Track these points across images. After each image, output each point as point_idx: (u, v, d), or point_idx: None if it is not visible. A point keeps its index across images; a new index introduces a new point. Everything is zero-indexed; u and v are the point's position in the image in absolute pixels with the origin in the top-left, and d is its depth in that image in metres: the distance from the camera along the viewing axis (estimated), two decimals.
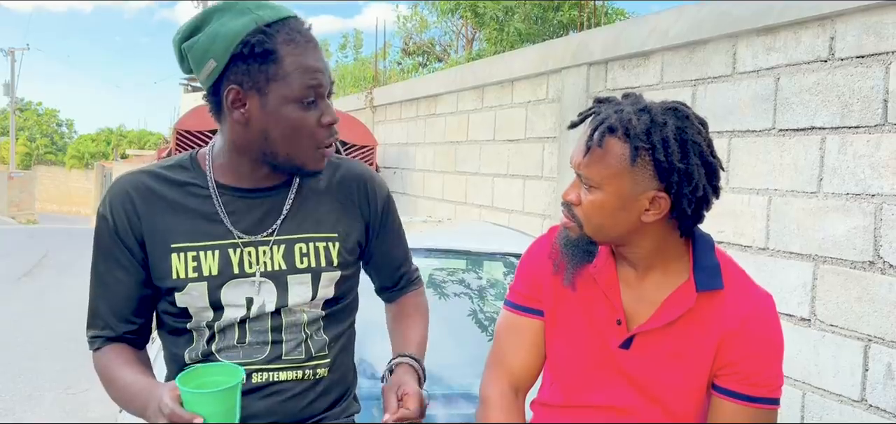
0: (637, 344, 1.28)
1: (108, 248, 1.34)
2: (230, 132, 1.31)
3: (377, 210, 1.47)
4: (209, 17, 1.26)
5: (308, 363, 1.37)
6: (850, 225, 2.65)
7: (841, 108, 2.70)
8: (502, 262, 2.95)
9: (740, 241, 3.14)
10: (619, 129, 1.19)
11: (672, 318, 1.25)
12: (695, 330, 1.25)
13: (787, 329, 2.89)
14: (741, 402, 1.24)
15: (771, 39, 3.04)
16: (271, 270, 1.33)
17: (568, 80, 4.58)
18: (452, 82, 6.43)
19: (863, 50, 2.63)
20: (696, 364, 1.26)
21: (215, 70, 1.24)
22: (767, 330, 1.25)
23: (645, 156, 1.18)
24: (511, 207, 5.30)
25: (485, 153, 5.74)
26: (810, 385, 2.80)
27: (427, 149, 7.01)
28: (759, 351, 1.24)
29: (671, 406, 1.28)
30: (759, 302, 1.27)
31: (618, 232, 1.25)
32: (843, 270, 2.67)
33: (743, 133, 3.15)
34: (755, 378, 1.24)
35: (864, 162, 2.61)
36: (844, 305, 2.66)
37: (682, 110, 1.23)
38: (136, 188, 1.33)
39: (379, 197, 1.48)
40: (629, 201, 1.21)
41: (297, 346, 1.36)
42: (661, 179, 1.19)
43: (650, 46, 3.77)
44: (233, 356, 1.33)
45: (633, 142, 1.18)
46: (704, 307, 1.25)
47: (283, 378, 1.35)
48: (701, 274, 1.26)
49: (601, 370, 1.31)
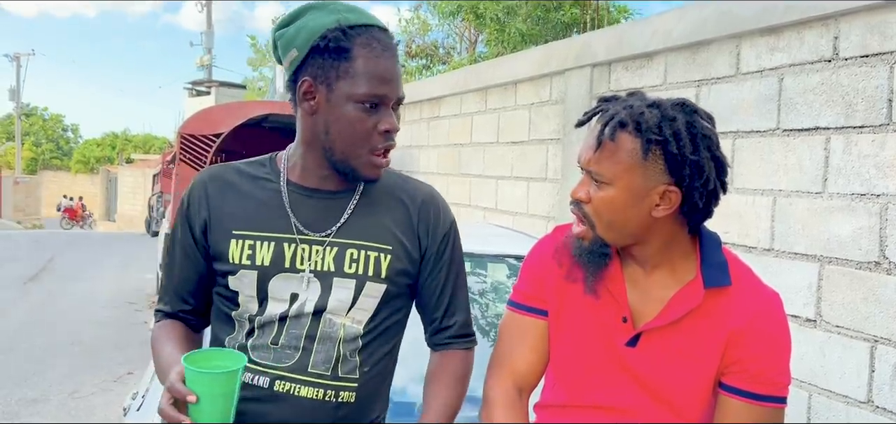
0: (644, 342, 1.27)
1: (178, 229, 1.43)
2: (300, 124, 1.36)
3: (437, 236, 1.42)
4: (303, 12, 1.33)
5: (333, 382, 1.33)
6: (855, 226, 2.64)
7: (845, 108, 2.69)
8: (506, 264, 2.95)
9: (745, 242, 3.13)
10: (630, 124, 1.19)
11: (679, 315, 1.24)
12: (702, 328, 1.24)
13: (793, 329, 2.87)
14: (748, 400, 1.23)
15: (774, 39, 3.03)
16: (320, 270, 1.34)
17: (571, 82, 4.58)
18: (455, 85, 6.42)
19: (867, 49, 2.62)
20: (704, 361, 1.25)
21: (296, 60, 1.30)
22: (775, 328, 1.24)
23: (656, 151, 1.18)
24: (515, 209, 5.29)
25: (488, 155, 5.74)
26: (816, 387, 2.79)
27: (431, 151, 7.01)
28: (766, 350, 1.23)
29: (678, 405, 1.27)
30: (767, 300, 1.26)
31: (629, 228, 1.24)
32: (848, 271, 2.66)
33: (747, 133, 3.14)
34: (762, 376, 1.23)
35: (868, 162, 2.60)
36: (850, 306, 2.65)
37: (689, 105, 1.23)
38: (213, 177, 1.42)
39: (442, 224, 1.43)
40: (640, 196, 1.20)
41: (325, 360, 1.33)
42: (671, 173, 1.19)
43: (654, 47, 3.76)
44: (264, 356, 1.34)
45: (645, 135, 1.18)
46: (712, 304, 1.24)
47: (304, 393, 1.32)
48: (709, 270, 1.25)
49: (607, 369, 1.30)
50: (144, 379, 2.28)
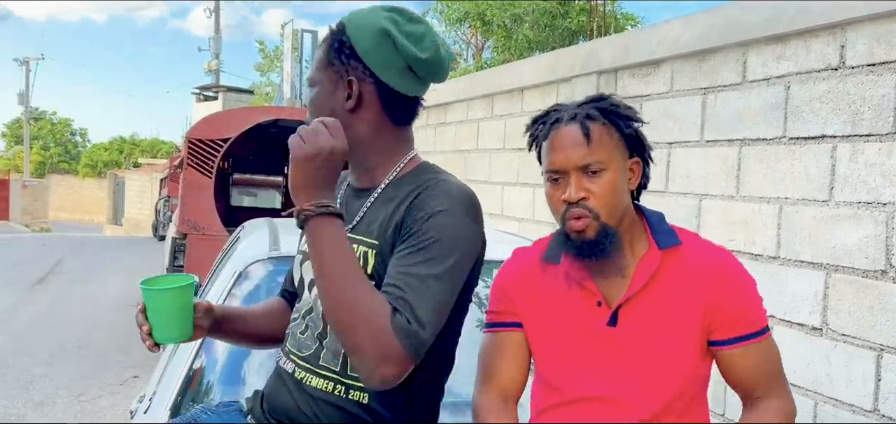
0: (622, 317, 1.34)
1: None
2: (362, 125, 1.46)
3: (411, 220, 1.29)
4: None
5: (342, 379, 1.33)
6: (861, 234, 2.63)
7: (852, 116, 2.69)
8: None
9: (751, 250, 3.12)
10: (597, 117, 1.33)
11: (645, 281, 1.33)
12: (670, 286, 1.34)
13: (799, 338, 2.87)
14: (743, 343, 1.34)
15: (781, 48, 3.03)
16: None
17: (578, 89, 4.58)
18: (462, 91, 6.44)
19: (874, 58, 2.62)
20: (682, 317, 1.33)
21: None
22: (734, 270, 1.36)
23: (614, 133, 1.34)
24: (521, 215, 5.30)
25: (494, 161, 5.75)
26: (822, 395, 2.78)
27: (437, 157, 7.02)
28: (736, 292, 1.34)
29: (668, 370, 1.32)
30: (718, 252, 1.39)
31: (624, 206, 1.35)
32: (854, 279, 2.65)
33: (753, 141, 3.14)
34: (743, 316, 1.34)
35: (875, 170, 2.60)
36: (856, 314, 2.64)
37: (606, 95, 1.40)
38: None
39: (422, 207, 1.29)
40: (624, 174, 1.35)
41: (334, 357, 1.34)
42: (629, 147, 1.37)
43: (660, 55, 3.76)
44: (292, 343, 1.43)
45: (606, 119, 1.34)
46: (671, 264, 1.35)
47: (316, 384, 1.35)
48: (658, 236, 1.37)
49: (592, 357, 1.35)
50: (151, 383, 2.29)
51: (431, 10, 13.31)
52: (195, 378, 2.13)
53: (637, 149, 1.38)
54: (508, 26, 11.07)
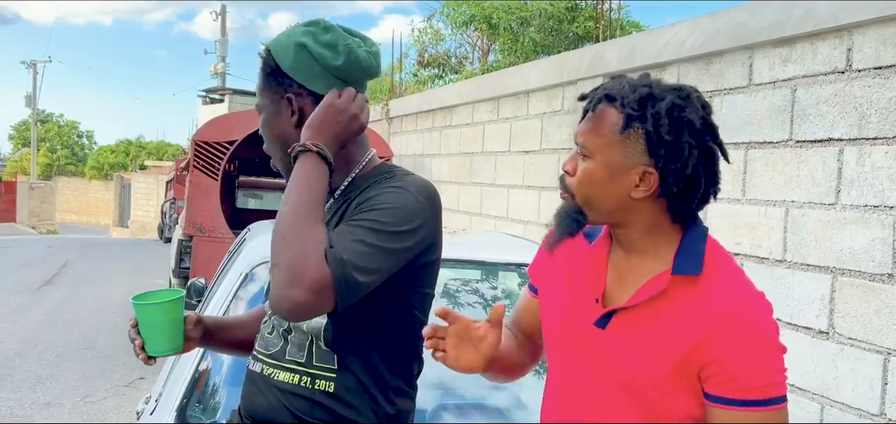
0: (613, 324, 1.26)
1: None
2: None
3: (353, 199, 1.35)
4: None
5: (308, 370, 1.37)
6: (868, 238, 2.63)
7: (859, 120, 2.69)
8: (517, 273, 2.95)
9: (758, 253, 3.12)
10: (616, 98, 1.21)
11: (644, 299, 1.22)
12: (667, 314, 1.21)
13: (805, 342, 2.86)
14: (735, 409, 1.15)
15: (787, 50, 3.03)
16: None
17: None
18: (468, 94, 6.44)
19: (880, 61, 2.62)
20: (666, 348, 1.20)
21: None
22: (750, 322, 1.16)
23: (637, 129, 1.19)
24: (526, 218, 5.29)
25: (500, 164, 5.75)
26: (829, 399, 2.77)
27: (443, 160, 7.02)
28: (743, 348, 1.15)
29: (640, 391, 1.22)
30: (742, 298, 1.19)
31: (606, 205, 1.24)
32: (861, 283, 2.65)
33: (760, 144, 3.14)
34: (743, 379, 1.14)
35: (882, 173, 2.59)
36: (863, 318, 2.63)
37: (685, 90, 1.22)
38: None
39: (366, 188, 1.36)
40: (619, 174, 1.21)
41: (299, 350, 1.39)
42: (650, 154, 1.19)
43: (666, 58, 3.76)
44: (260, 344, 1.47)
45: (625, 110, 1.19)
46: (681, 293, 1.21)
47: (281, 378, 1.40)
48: (681, 258, 1.22)
49: (575, 348, 1.31)
50: (157, 384, 2.30)
51: (438, 13, 13.35)
52: (201, 380, 2.14)
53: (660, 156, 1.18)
54: (515, 29, 11.07)
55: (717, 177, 1.24)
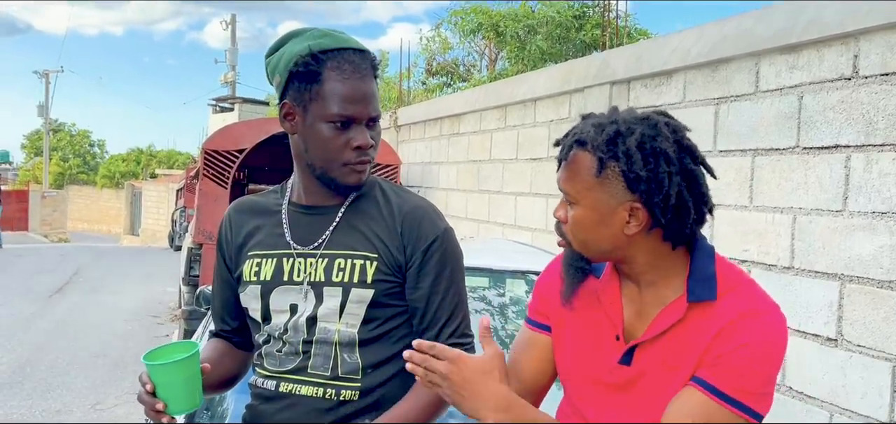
0: (637, 358, 1.25)
1: (216, 257, 1.60)
2: (291, 145, 1.49)
3: (420, 246, 1.43)
4: (285, 40, 1.46)
5: (333, 382, 1.40)
6: (876, 244, 2.62)
7: (866, 126, 2.68)
8: (524, 280, 2.96)
9: (765, 260, 3.11)
10: (586, 143, 1.20)
11: (663, 329, 1.22)
12: (688, 340, 1.20)
13: (814, 348, 2.85)
14: (711, 395, 1.14)
15: (794, 57, 3.03)
16: (314, 281, 1.43)
17: (591, 99, 4.59)
18: (475, 102, 6.46)
19: (887, 68, 2.61)
20: (689, 373, 1.19)
21: (279, 85, 1.44)
22: (758, 333, 1.15)
23: (614, 167, 1.18)
24: (534, 225, 5.30)
25: (508, 172, 5.76)
26: (837, 406, 2.76)
27: (450, 167, 7.04)
28: (747, 348, 1.14)
29: None
30: (756, 307, 1.18)
31: (603, 246, 1.23)
32: (870, 289, 2.64)
33: (767, 151, 3.14)
34: (739, 377, 1.14)
35: (890, 180, 2.58)
36: (872, 325, 2.62)
37: (653, 119, 1.21)
38: (236, 208, 1.59)
39: (426, 233, 1.44)
40: (607, 214, 1.20)
41: (324, 362, 1.41)
42: (632, 190, 1.18)
43: (672, 65, 3.77)
44: (271, 362, 1.46)
45: (596, 153, 1.19)
46: (698, 316, 1.20)
47: (304, 392, 1.41)
48: (694, 284, 1.21)
49: (604, 387, 1.29)
50: None
51: (445, 22, 13.38)
52: None
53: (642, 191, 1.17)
54: (522, 37, 11.08)
55: (706, 197, 1.23)
